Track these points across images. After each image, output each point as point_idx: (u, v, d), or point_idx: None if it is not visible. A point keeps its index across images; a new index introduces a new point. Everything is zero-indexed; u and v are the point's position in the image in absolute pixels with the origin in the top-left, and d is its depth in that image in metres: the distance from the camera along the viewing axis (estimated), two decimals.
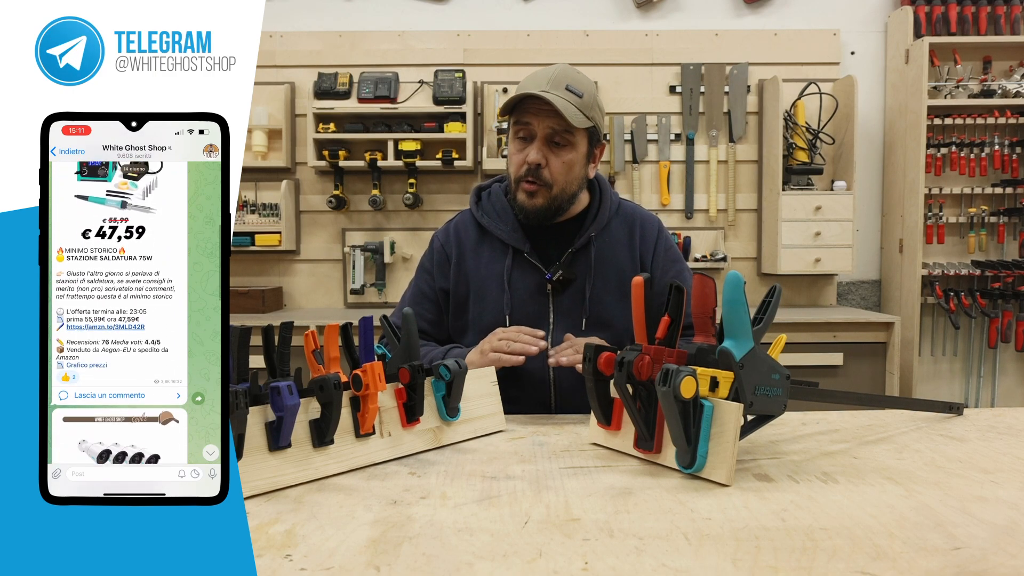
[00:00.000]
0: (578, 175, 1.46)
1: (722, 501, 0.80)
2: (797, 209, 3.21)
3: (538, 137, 1.40)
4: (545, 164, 1.41)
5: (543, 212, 1.45)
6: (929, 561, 0.64)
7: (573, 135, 1.41)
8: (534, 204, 1.44)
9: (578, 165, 1.45)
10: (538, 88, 1.37)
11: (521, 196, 1.45)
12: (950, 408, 1.22)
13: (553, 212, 1.47)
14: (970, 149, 3.36)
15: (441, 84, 3.26)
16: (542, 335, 1.35)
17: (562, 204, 1.47)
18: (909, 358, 3.27)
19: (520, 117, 1.42)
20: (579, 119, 1.37)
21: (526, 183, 1.43)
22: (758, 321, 0.91)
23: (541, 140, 1.40)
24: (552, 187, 1.43)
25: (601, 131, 1.47)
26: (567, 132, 1.39)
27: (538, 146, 1.41)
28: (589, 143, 1.46)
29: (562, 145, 1.41)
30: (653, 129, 3.45)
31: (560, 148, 1.41)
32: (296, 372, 0.90)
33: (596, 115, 1.43)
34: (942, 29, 3.33)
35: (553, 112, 1.36)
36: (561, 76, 1.39)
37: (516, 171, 1.45)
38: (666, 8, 3.49)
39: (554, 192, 1.43)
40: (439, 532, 0.71)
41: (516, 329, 1.36)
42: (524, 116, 1.41)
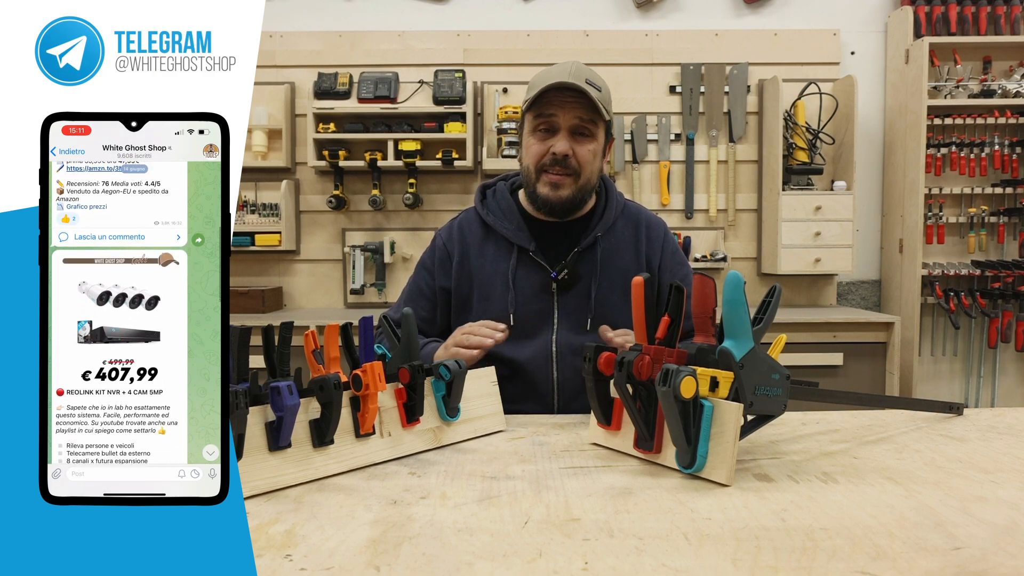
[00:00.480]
0: (598, 167, 1.49)
1: (722, 501, 0.80)
2: (797, 209, 3.21)
3: (563, 128, 1.42)
4: (572, 154, 1.43)
5: (568, 203, 1.47)
6: (929, 561, 0.64)
7: (596, 126, 1.44)
8: (559, 196, 1.45)
9: (598, 157, 1.48)
10: (563, 78, 1.38)
11: (544, 189, 1.45)
12: (950, 408, 1.22)
13: (577, 204, 1.48)
14: (970, 149, 3.36)
15: (441, 84, 3.26)
16: (503, 327, 1.34)
17: (585, 196, 1.49)
18: (909, 358, 3.27)
19: (543, 110, 1.43)
20: (603, 109, 1.41)
21: (551, 175, 1.44)
22: (758, 321, 0.91)
23: (566, 131, 1.42)
24: (580, 175, 1.45)
25: (612, 126, 1.51)
26: (592, 123, 1.42)
27: (564, 136, 1.42)
28: (605, 137, 1.49)
29: (586, 135, 1.44)
30: (653, 129, 3.45)
31: (584, 138, 1.44)
32: (296, 372, 0.90)
33: (611, 110, 1.47)
34: (942, 29, 3.33)
35: (580, 103, 1.39)
36: (580, 70, 1.42)
37: (536, 161, 1.45)
38: (666, 8, 3.49)
39: (581, 182, 1.45)
40: (439, 532, 0.71)
41: (479, 323, 1.36)
42: (548, 108, 1.42)
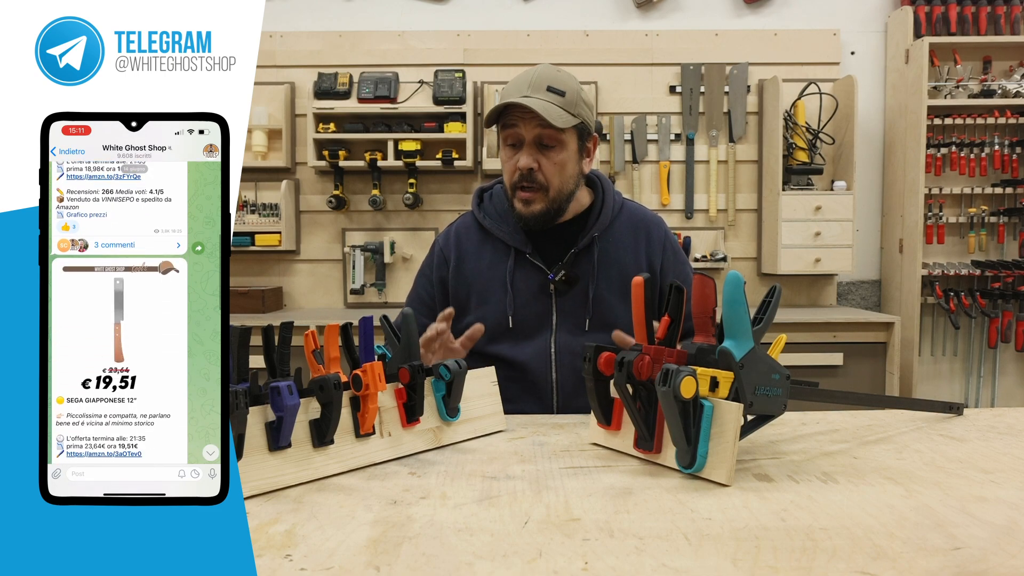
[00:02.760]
0: (572, 173, 1.46)
1: (722, 501, 0.80)
2: (797, 209, 3.21)
3: (526, 142, 1.40)
4: (538, 167, 1.40)
5: (542, 217, 1.45)
6: (929, 561, 0.64)
7: (562, 134, 1.40)
8: (531, 211, 1.44)
9: (571, 163, 1.44)
10: (519, 94, 1.37)
11: (518, 205, 1.45)
12: (950, 408, 1.22)
13: (553, 215, 1.46)
14: (970, 149, 3.36)
15: (441, 84, 3.26)
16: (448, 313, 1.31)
17: (561, 205, 1.46)
18: (909, 358, 3.27)
19: (506, 121, 1.42)
20: (564, 119, 1.36)
21: (521, 191, 1.43)
22: (758, 321, 0.91)
23: (530, 144, 1.40)
24: (549, 189, 1.43)
25: (590, 125, 1.46)
26: (555, 132, 1.39)
27: (528, 151, 1.40)
28: (579, 139, 1.45)
29: (551, 147, 1.40)
30: (653, 129, 3.45)
31: (550, 150, 1.41)
32: (296, 372, 0.90)
33: (582, 110, 1.42)
34: (942, 29, 3.33)
35: (537, 116, 1.35)
36: (541, 78, 1.38)
37: (510, 178, 1.45)
38: (666, 8, 3.49)
39: (551, 195, 1.43)
40: (439, 532, 0.71)
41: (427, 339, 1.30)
42: (510, 121, 1.41)
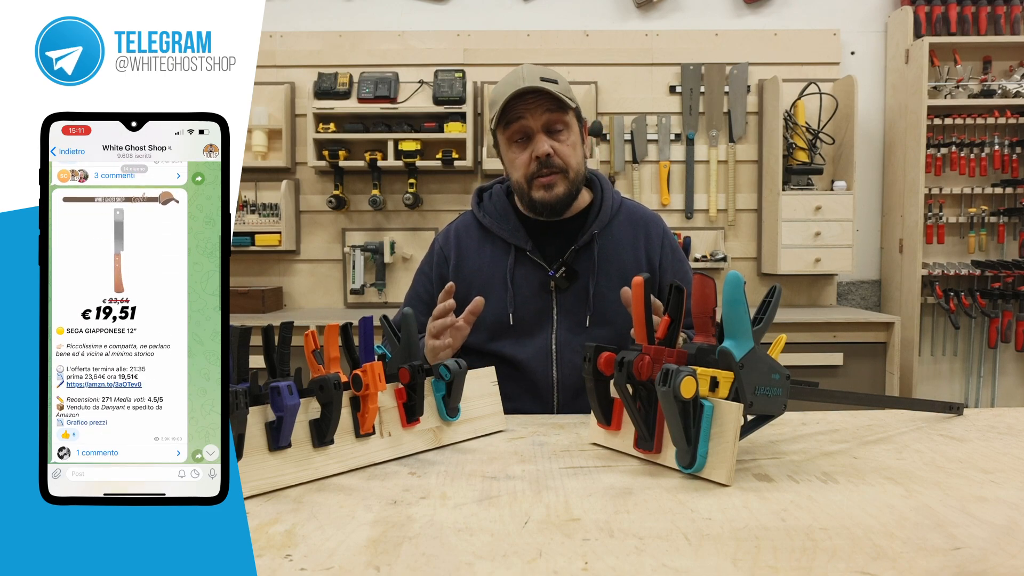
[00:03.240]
0: (581, 156, 1.50)
1: (722, 501, 0.80)
2: (797, 209, 3.21)
3: (536, 131, 1.43)
4: (554, 152, 1.44)
5: (565, 199, 1.48)
6: (929, 561, 0.64)
7: (567, 115, 1.45)
8: (555, 195, 1.46)
9: (579, 145, 1.49)
10: (520, 86, 1.40)
11: (540, 193, 1.46)
12: (950, 408, 1.22)
13: (571, 199, 1.49)
14: (970, 149, 3.36)
15: (441, 84, 3.26)
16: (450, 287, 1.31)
17: (578, 187, 1.50)
18: (909, 358, 3.27)
19: (511, 119, 1.44)
20: (568, 100, 1.43)
21: (542, 177, 1.45)
22: (758, 321, 0.91)
23: (540, 132, 1.44)
24: (568, 171, 1.46)
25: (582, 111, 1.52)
26: (561, 116, 1.43)
27: (541, 137, 1.43)
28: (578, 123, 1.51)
29: (560, 130, 1.45)
30: (653, 129, 3.45)
31: (559, 133, 1.45)
32: (296, 372, 0.90)
33: (575, 96, 1.49)
34: (942, 29, 3.33)
35: (543, 101, 1.41)
36: (532, 71, 1.43)
37: (525, 171, 1.46)
38: (666, 8, 3.49)
39: (571, 176, 1.47)
40: (439, 532, 0.71)
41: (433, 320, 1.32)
42: (515, 116, 1.43)
